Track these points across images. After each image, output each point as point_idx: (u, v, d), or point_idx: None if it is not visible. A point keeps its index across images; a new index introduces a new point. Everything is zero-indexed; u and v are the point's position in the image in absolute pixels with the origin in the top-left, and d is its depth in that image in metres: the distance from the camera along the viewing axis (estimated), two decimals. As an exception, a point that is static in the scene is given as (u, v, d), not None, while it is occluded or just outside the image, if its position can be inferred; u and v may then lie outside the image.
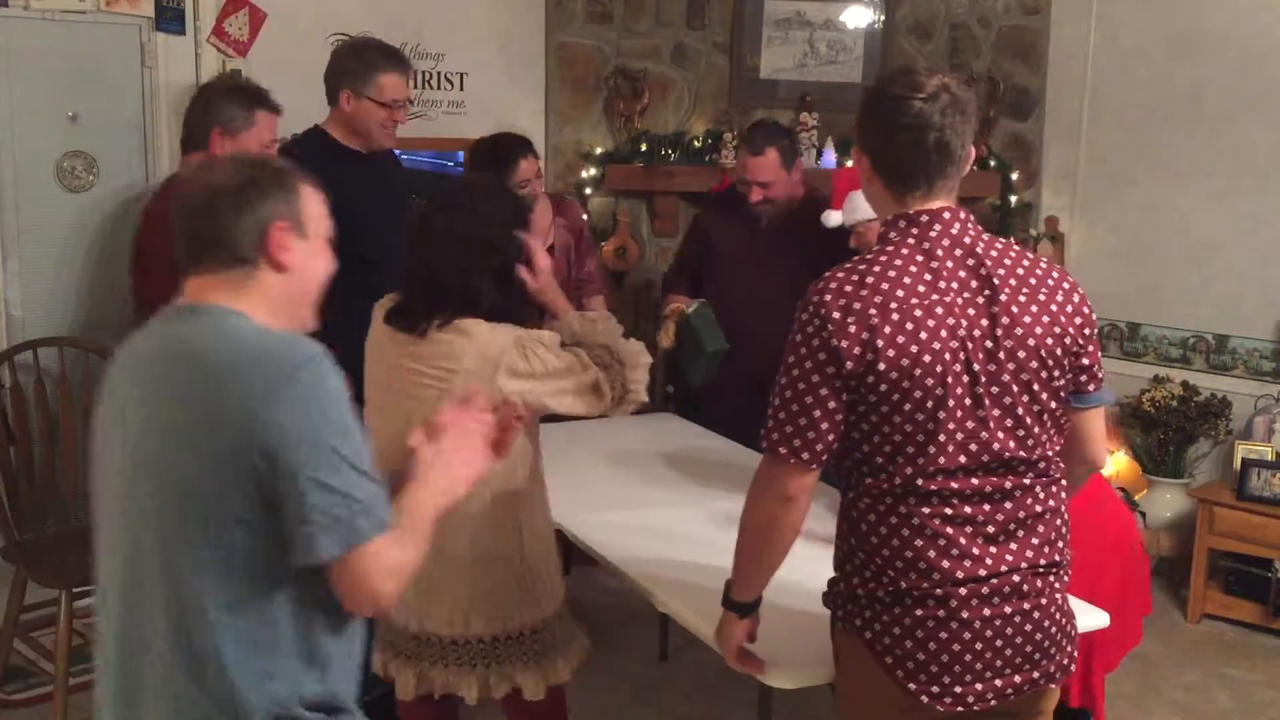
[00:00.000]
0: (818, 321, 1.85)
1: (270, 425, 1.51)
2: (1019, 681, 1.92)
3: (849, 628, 1.97)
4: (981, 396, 1.85)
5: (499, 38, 4.85)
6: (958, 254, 1.89)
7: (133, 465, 1.63)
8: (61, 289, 3.97)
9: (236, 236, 1.64)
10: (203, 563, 1.56)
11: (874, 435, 1.87)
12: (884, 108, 1.92)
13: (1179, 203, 4.82)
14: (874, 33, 5.03)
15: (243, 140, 2.93)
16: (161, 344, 1.65)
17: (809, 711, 2.98)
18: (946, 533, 1.87)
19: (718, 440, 3.65)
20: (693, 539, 2.79)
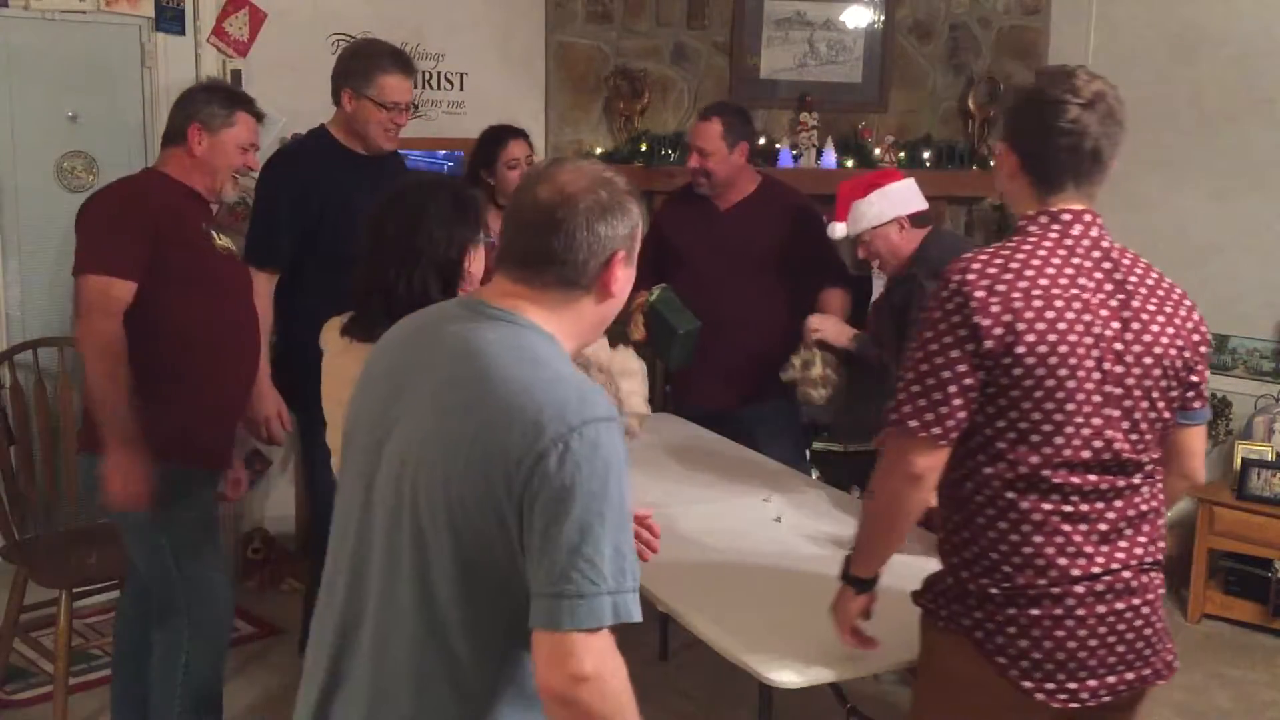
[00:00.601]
0: (959, 299, 1.87)
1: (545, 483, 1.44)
2: (1131, 678, 1.96)
3: (954, 627, 1.97)
4: (1109, 395, 1.89)
5: (499, 38, 4.85)
6: (1095, 255, 1.94)
7: (410, 454, 1.54)
8: (61, 289, 3.97)
9: (578, 260, 1.56)
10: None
11: (999, 419, 1.88)
12: (1043, 110, 1.94)
13: (1178, 203, 4.81)
14: (874, 33, 5.03)
15: (222, 138, 2.86)
16: (462, 344, 1.55)
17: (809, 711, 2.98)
18: (1064, 530, 1.90)
19: (717, 440, 3.65)
20: (692, 539, 2.79)
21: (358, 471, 1.64)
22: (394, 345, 1.69)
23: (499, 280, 1.63)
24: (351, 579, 1.62)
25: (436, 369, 1.56)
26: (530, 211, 1.57)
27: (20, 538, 3.45)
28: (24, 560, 3.40)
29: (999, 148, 2.06)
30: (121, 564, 3.58)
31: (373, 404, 1.65)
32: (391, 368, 1.65)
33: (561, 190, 1.56)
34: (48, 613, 3.48)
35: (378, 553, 1.58)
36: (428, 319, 1.68)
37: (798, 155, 4.90)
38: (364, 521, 1.61)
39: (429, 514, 1.51)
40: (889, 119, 5.06)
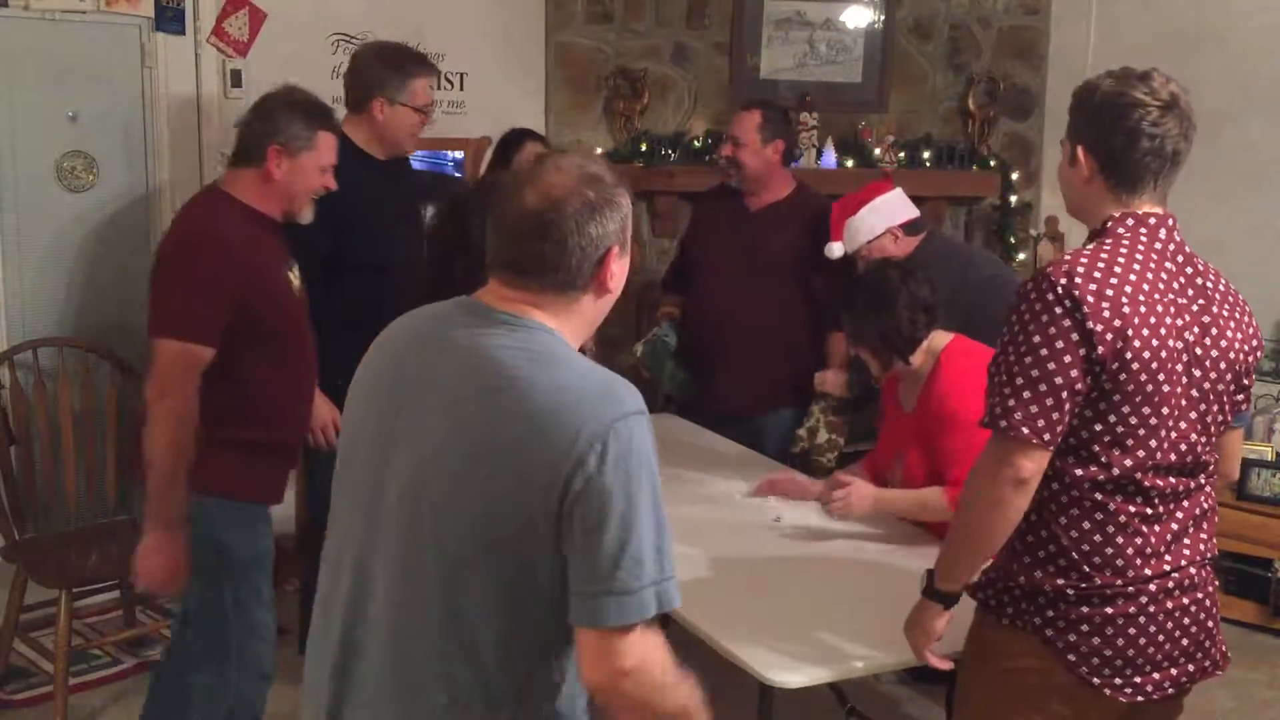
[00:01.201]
0: (1070, 302, 1.83)
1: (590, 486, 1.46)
2: (1192, 669, 1.99)
3: (1023, 625, 1.96)
4: (1194, 399, 1.92)
5: (499, 38, 4.85)
6: (1179, 259, 1.96)
7: (427, 468, 1.53)
8: (61, 289, 3.97)
9: (572, 264, 1.55)
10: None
11: (1097, 422, 1.88)
12: (1125, 112, 1.93)
13: (1179, 203, 4.77)
14: (874, 33, 5.03)
15: (301, 161, 2.64)
16: (476, 352, 1.53)
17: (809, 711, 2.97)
18: (1144, 530, 1.92)
19: (718, 440, 3.65)
20: (692, 538, 2.79)
21: (361, 488, 1.61)
22: (394, 355, 1.64)
23: (496, 285, 1.61)
24: (355, 597, 1.60)
25: (450, 379, 1.54)
26: (519, 219, 1.55)
27: (20, 538, 3.45)
28: (24, 560, 3.40)
29: (1073, 150, 2.02)
30: (121, 564, 3.59)
31: (378, 418, 1.61)
32: (396, 380, 1.61)
33: (548, 195, 1.54)
34: (48, 613, 3.48)
35: (389, 572, 1.56)
36: (428, 325, 1.64)
37: (798, 155, 4.90)
38: (368, 541, 1.59)
39: (454, 530, 1.49)
40: (889, 119, 5.06)
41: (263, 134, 2.64)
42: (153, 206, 4.12)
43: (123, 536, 3.65)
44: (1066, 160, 2.04)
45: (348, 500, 1.66)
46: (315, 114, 2.70)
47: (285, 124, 2.63)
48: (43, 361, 3.60)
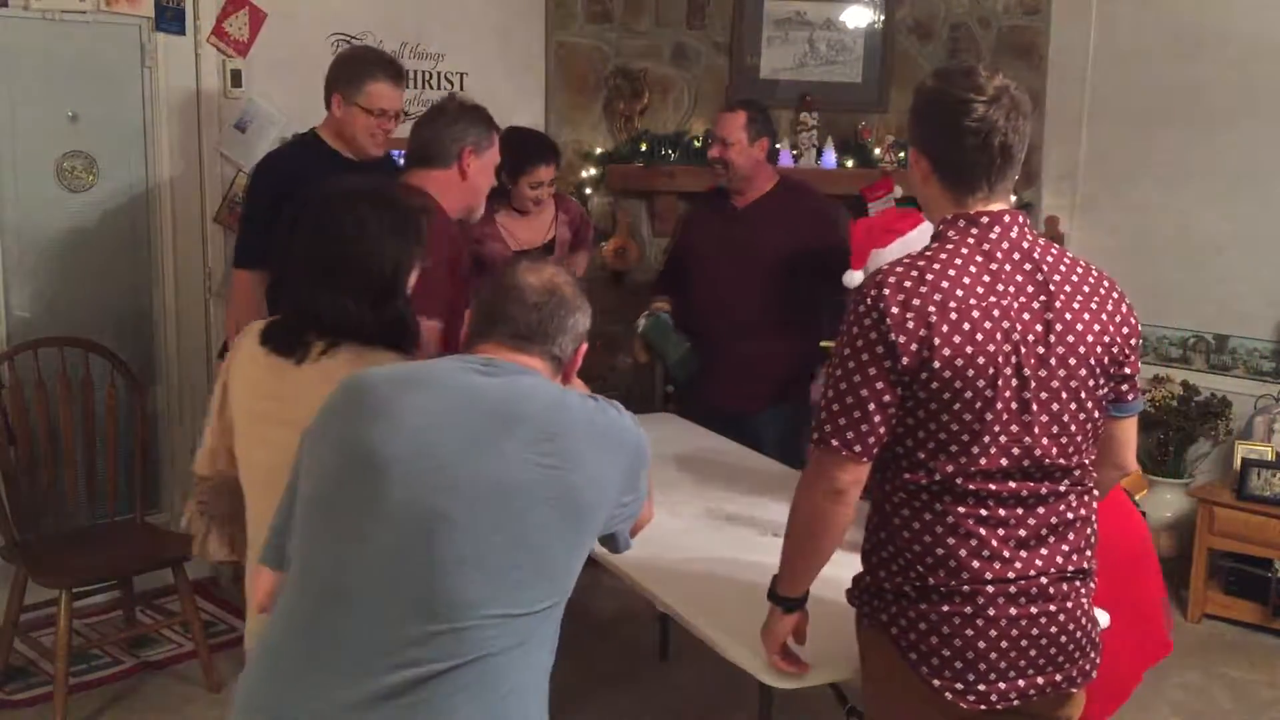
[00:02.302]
0: (875, 315, 1.84)
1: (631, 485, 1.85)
2: (1041, 683, 1.93)
3: (874, 622, 1.98)
4: (1029, 401, 1.87)
5: (499, 38, 4.85)
6: (1016, 257, 1.91)
7: (458, 507, 1.66)
8: (61, 289, 3.97)
9: (565, 344, 1.87)
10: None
11: (919, 430, 1.87)
12: (947, 110, 1.90)
13: (1179, 203, 4.81)
14: (874, 33, 5.03)
15: (486, 159, 2.89)
16: (504, 394, 1.75)
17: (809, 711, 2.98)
18: (979, 533, 1.88)
19: (717, 440, 3.65)
20: (693, 539, 2.79)
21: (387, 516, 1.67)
22: (418, 404, 1.73)
23: (493, 347, 1.84)
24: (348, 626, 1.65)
25: (490, 426, 1.71)
26: (528, 298, 1.84)
27: (20, 538, 3.45)
28: (24, 560, 3.40)
29: (910, 154, 2.01)
30: (121, 564, 3.59)
31: (423, 462, 1.68)
32: (419, 416, 1.72)
33: (549, 287, 1.85)
34: (48, 613, 3.48)
35: (407, 614, 1.63)
36: (444, 376, 1.78)
37: (798, 155, 4.90)
38: (376, 566, 1.65)
39: (505, 543, 1.67)
40: (889, 119, 5.06)
41: (455, 138, 2.84)
42: (153, 206, 4.13)
43: (123, 536, 3.66)
44: (910, 165, 2.02)
45: (353, 531, 1.68)
46: (488, 118, 2.94)
47: (472, 128, 2.86)
48: (43, 361, 3.60)
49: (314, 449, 1.78)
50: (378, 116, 3.43)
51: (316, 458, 1.77)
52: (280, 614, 1.73)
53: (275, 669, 1.68)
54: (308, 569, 1.72)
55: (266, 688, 1.68)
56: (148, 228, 4.13)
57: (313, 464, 1.77)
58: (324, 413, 1.80)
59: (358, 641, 1.63)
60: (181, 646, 3.79)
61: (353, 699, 1.61)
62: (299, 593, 1.72)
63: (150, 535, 3.70)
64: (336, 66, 3.48)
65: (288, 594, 1.74)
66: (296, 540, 1.76)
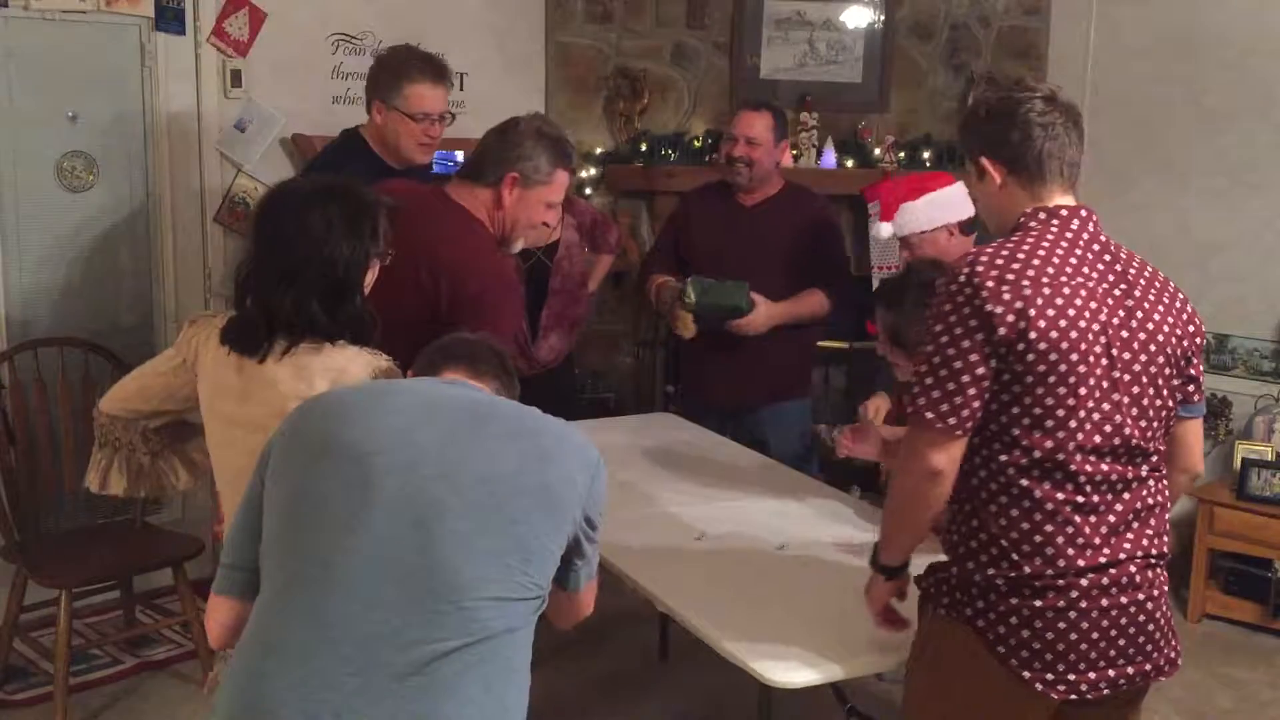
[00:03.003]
0: (970, 289, 1.88)
1: (596, 498, 1.89)
2: (1131, 672, 1.96)
3: (956, 616, 1.98)
4: (1117, 381, 1.92)
5: (499, 38, 4.85)
6: (1095, 249, 1.98)
7: (443, 506, 1.71)
8: (61, 289, 3.98)
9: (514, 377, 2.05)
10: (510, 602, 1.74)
11: (1014, 406, 1.90)
12: (1016, 113, 2.00)
13: (1179, 203, 4.81)
14: (874, 33, 5.03)
15: (532, 194, 2.64)
16: (475, 397, 1.89)
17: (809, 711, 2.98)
18: (1075, 520, 1.91)
19: (717, 440, 3.65)
20: (693, 539, 2.79)
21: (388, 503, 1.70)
22: (394, 405, 1.81)
23: (449, 372, 1.97)
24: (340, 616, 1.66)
25: (465, 422, 1.80)
26: (485, 342, 2.05)
27: (20, 538, 3.45)
28: (24, 560, 3.40)
29: (979, 166, 2.06)
30: (121, 564, 3.59)
31: (412, 459, 1.73)
32: (393, 416, 1.79)
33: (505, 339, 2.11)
34: (48, 613, 3.48)
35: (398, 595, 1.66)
36: (414, 384, 1.95)
37: (798, 155, 4.90)
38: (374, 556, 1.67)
39: (496, 525, 1.72)
40: (889, 119, 5.06)
41: (506, 158, 2.63)
42: (153, 206, 4.13)
43: (123, 536, 3.66)
44: (976, 179, 2.09)
45: (350, 530, 1.69)
46: (561, 151, 2.69)
47: (532, 154, 2.63)
48: (43, 361, 3.60)
49: (288, 455, 1.78)
50: (422, 121, 3.24)
51: (292, 462, 1.76)
52: (270, 612, 1.72)
53: (279, 665, 1.67)
54: (297, 566, 1.71)
55: (269, 684, 1.66)
56: (148, 228, 4.13)
57: (288, 468, 1.76)
58: (294, 423, 1.83)
59: (361, 629, 1.64)
60: (181, 646, 3.79)
61: (362, 685, 1.62)
62: (289, 589, 1.70)
63: (150, 535, 3.70)
64: (374, 71, 3.32)
65: (275, 594, 1.72)
66: (278, 547, 1.74)
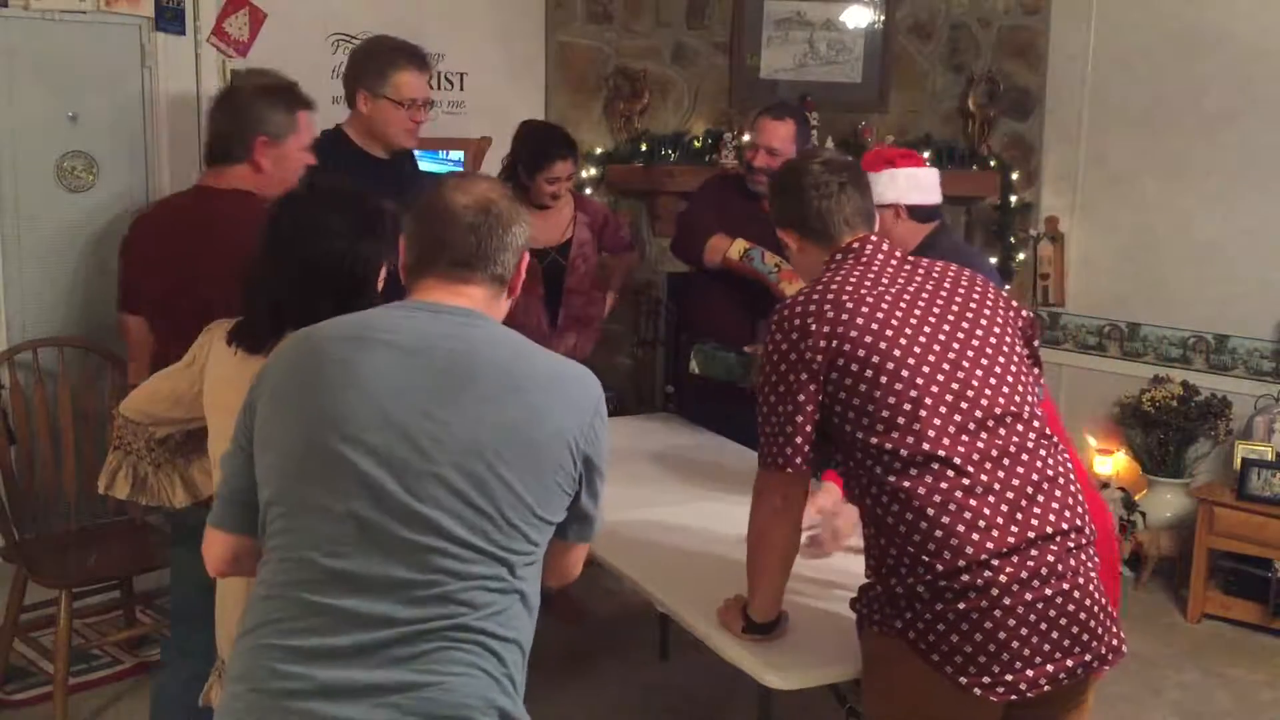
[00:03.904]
0: (781, 332, 2.09)
1: (594, 433, 1.77)
2: (1071, 665, 1.94)
3: (888, 630, 1.98)
4: (955, 363, 2.02)
5: (499, 38, 4.85)
6: (894, 261, 2.15)
7: (444, 456, 1.66)
8: (62, 289, 3.97)
9: (507, 260, 1.81)
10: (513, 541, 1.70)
11: (862, 418, 2.00)
12: (794, 184, 2.23)
13: (1179, 203, 4.81)
14: (874, 33, 5.03)
15: (286, 146, 2.64)
16: (457, 347, 1.72)
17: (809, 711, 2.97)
18: (969, 504, 1.93)
19: (718, 440, 3.65)
20: (692, 539, 2.79)
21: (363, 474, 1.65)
22: (377, 367, 1.69)
23: (433, 283, 1.79)
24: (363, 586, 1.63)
25: (446, 385, 1.68)
26: (462, 219, 1.78)
27: (20, 538, 3.45)
28: (24, 560, 3.40)
29: (781, 239, 2.29)
30: (121, 564, 3.59)
31: (388, 425, 1.66)
32: (392, 388, 1.68)
33: (489, 201, 1.80)
34: (48, 613, 3.49)
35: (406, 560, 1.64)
36: (396, 329, 1.73)
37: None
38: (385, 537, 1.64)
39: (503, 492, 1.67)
40: (889, 119, 5.06)
41: (246, 129, 2.63)
42: (153, 206, 4.13)
43: (123, 536, 3.66)
44: (785, 250, 2.33)
45: (345, 513, 1.65)
46: (289, 97, 2.69)
47: (266, 114, 2.63)
48: (43, 361, 3.60)
49: (277, 418, 1.73)
50: (409, 108, 3.30)
51: (281, 427, 1.72)
52: (266, 596, 1.69)
53: (282, 651, 1.65)
54: (291, 545, 1.69)
55: (274, 668, 1.64)
56: (148, 228, 4.13)
57: (278, 434, 1.73)
58: (279, 377, 1.75)
59: (358, 614, 1.62)
60: (181, 646, 3.79)
61: (364, 665, 1.61)
62: (284, 571, 1.68)
63: (150, 535, 3.70)
64: (357, 61, 3.36)
65: (273, 574, 1.70)
66: (277, 511, 1.72)
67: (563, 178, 3.82)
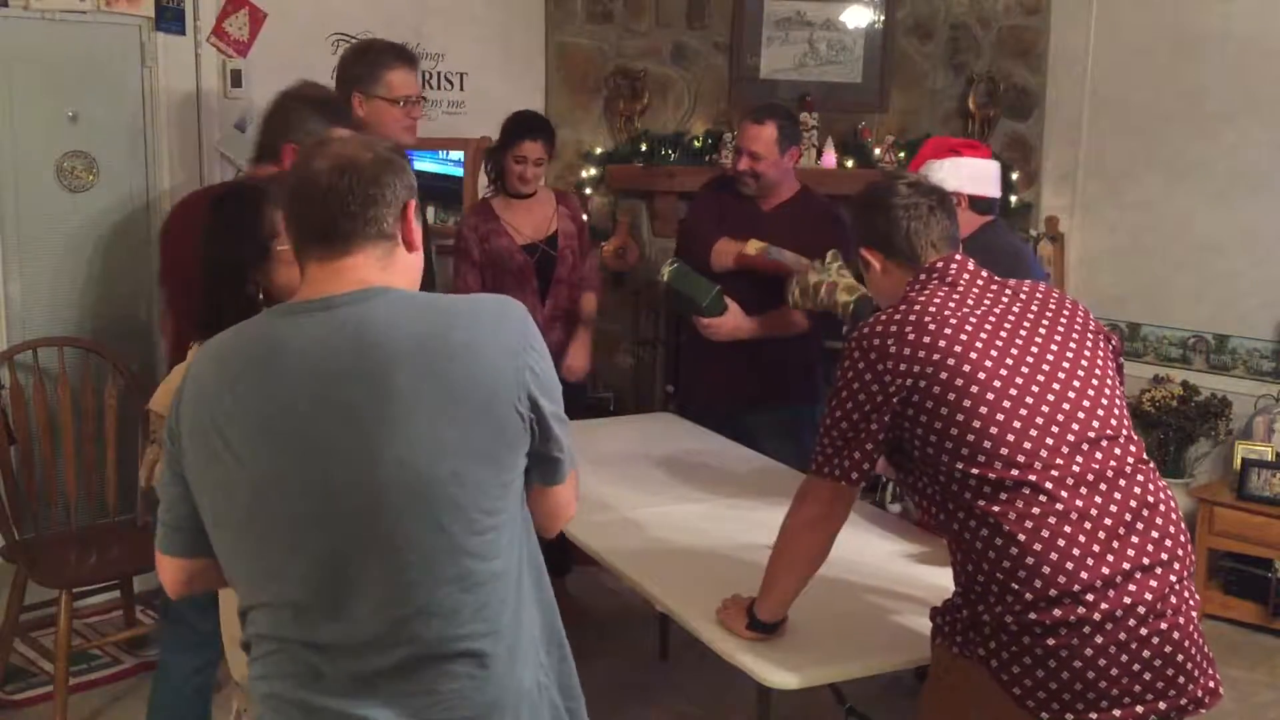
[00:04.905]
0: (860, 352, 2.03)
1: (531, 372, 1.60)
2: (1164, 708, 1.86)
3: (969, 655, 1.93)
4: (1044, 385, 1.98)
5: (499, 38, 4.85)
6: (979, 282, 2.10)
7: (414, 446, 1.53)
8: (61, 289, 3.98)
9: (385, 215, 1.60)
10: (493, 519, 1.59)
11: (947, 442, 1.95)
12: (881, 202, 2.17)
13: (1179, 203, 4.81)
14: (874, 33, 5.03)
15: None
16: (362, 364, 1.53)
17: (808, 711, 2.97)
18: (1064, 531, 1.85)
19: (717, 440, 3.65)
20: (692, 539, 2.79)
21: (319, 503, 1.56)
22: (277, 398, 1.55)
23: (316, 267, 1.60)
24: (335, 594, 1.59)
25: (362, 396, 1.52)
26: (319, 185, 1.58)
27: (20, 538, 3.45)
28: (24, 560, 3.40)
29: (862, 257, 2.21)
30: (121, 564, 3.59)
31: (326, 436, 1.53)
32: (316, 395, 1.54)
33: (348, 159, 1.59)
34: (48, 613, 3.48)
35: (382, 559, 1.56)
36: (287, 346, 1.57)
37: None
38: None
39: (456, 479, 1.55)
40: (889, 119, 5.06)
41: (282, 134, 2.69)
42: (153, 206, 4.12)
43: (123, 536, 3.66)
44: (864, 270, 2.25)
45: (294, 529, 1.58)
46: (332, 113, 2.74)
47: (302, 124, 2.68)
48: (43, 361, 3.60)
49: (200, 470, 1.67)
50: (404, 105, 3.34)
51: (205, 482, 1.67)
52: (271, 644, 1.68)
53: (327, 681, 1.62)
54: (262, 587, 1.66)
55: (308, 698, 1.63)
56: (148, 228, 4.12)
57: (206, 488, 1.68)
58: (191, 422, 1.64)
59: (355, 646, 1.60)
60: (181, 646, 3.79)
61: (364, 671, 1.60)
62: (277, 627, 1.65)
63: (150, 535, 3.68)
64: (347, 64, 3.39)
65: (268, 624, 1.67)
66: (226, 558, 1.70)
67: (530, 159, 3.86)
